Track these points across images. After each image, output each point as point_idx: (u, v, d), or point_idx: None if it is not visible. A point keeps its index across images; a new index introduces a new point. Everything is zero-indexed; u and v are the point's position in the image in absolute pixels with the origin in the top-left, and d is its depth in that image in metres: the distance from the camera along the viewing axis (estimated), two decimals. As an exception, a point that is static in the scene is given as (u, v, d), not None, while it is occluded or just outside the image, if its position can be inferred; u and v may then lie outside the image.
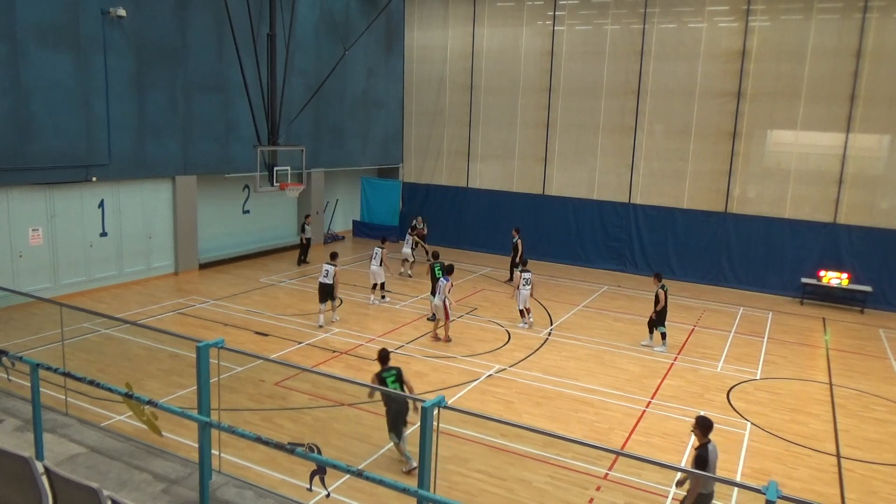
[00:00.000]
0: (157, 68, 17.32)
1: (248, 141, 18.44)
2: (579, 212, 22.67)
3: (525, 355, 13.58)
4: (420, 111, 25.93)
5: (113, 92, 16.25)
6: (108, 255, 17.21)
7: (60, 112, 15.24)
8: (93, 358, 12.13)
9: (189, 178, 18.79)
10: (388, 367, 9.11)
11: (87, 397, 9.91)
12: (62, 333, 9.94)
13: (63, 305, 9.00)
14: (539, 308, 17.28)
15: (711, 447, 7.03)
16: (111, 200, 17.14)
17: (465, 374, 12.36)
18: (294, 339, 13.86)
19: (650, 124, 21.39)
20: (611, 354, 13.90)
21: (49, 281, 15.86)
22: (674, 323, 16.36)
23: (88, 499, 4.64)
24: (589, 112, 22.22)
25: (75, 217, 16.34)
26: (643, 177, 21.68)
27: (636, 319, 15.68)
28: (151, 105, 17.31)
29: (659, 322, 14.23)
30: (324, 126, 23.18)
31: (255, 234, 22.24)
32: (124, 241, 17.55)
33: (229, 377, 11.10)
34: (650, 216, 21.60)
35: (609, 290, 19.51)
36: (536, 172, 23.49)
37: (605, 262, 22.29)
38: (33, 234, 15.52)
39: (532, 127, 23.43)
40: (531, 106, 23.34)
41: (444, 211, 24.79)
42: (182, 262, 19.05)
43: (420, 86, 25.81)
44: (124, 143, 16.74)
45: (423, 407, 5.43)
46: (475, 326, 15.44)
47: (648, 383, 12.36)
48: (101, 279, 17.02)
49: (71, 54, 15.29)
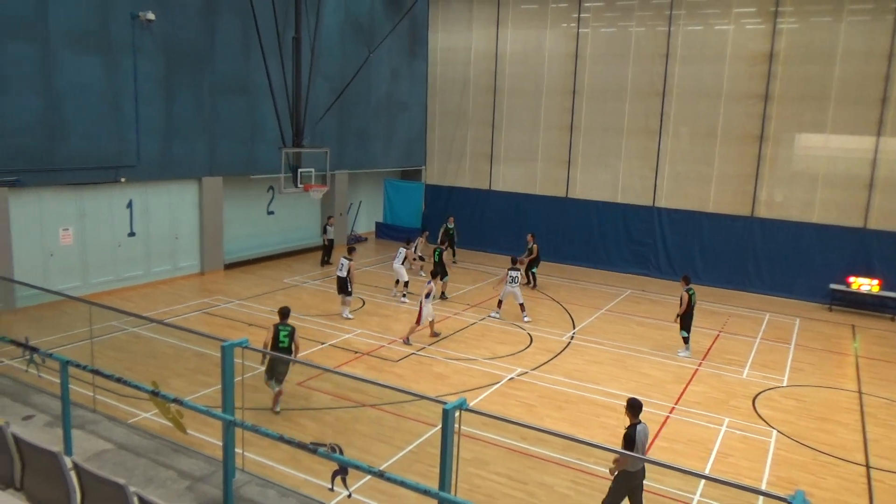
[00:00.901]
0: (185, 71, 17.57)
1: (273, 143, 18.62)
2: (603, 215, 22.51)
3: (547, 359, 13.51)
4: (443, 113, 25.97)
5: (142, 94, 16.52)
6: (136, 254, 17.48)
7: (90, 114, 15.53)
8: (120, 356, 12.32)
9: (215, 180, 19.03)
10: (285, 324, 10.51)
11: (114, 394, 10.07)
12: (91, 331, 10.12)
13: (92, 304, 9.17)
14: (561, 311, 17.18)
15: (640, 427, 7.39)
16: (139, 201, 17.41)
17: (487, 377, 12.34)
18: (317, 340, 13.94)
19: (675, 127, 21.18)
20: (634, 359, 13.77)
21: (79, 280, 16.16)
22: (699, 328, 16.16)
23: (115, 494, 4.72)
24: (613, 114, 22.07)
25: (104, 217, 16.63)
26: (668, 180, 21.47)
27: (660, 324, 15.52)
28: (179, 107, 17.56)
29: (682, 326, 14.04)
30: (348, 128, 23.31)
31: (279, 234, 22.43)
32: (151, 241, 17.81)
33: (253, 376, 11.22)
34: (675, 220, 21.38)
35: (633, 294, 19.33)
36: (560, 175, 23.38)
37: (628, 265, 22.10)
38: (64, 233, 15.83)
39: (555, 129, 23.33)
40: (555, 108, 23.24)
41: (466, 213, 24.77)
42: (208, 262, 19.29)
43: (444, 88, 25.84)
44: (152, 144, 17.00)
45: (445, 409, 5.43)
46: (497, 329, 15.41)
47: (672, 389, 12.23)
48: (128, 278, 17.30)
49: (101, 58, 15.59)
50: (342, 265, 15.48)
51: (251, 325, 14.52)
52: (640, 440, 7.35)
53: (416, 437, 9.72)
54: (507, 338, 14.79)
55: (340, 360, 12.78)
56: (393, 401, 10.54)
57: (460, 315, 16.43)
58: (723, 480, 5.11)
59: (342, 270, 15.44)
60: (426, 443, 9.45)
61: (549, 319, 16.40)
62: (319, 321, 15.30)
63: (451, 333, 14.85)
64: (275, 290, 17.80)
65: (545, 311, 17.14)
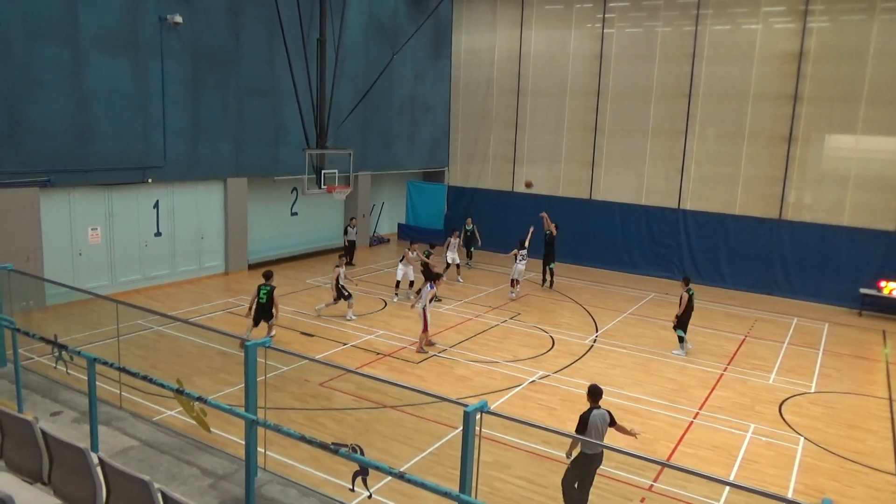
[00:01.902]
0: (211, 73, 17.81)
1: (296, 144, 18.78)
2: (627, 217, 22.35)
3: (569, 362, 13.46)
4: (467, 114, 25.97)
5: (168, 96, 16.77)
6: (162, 254, 17.75)
7: (118, 116, 15.80)
8: (146, 354, 12.53)
9: (240, 181, 19.25)
10: (267, 283, 13.12)
11: (140, 392, 10.23)
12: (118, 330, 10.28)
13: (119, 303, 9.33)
14: (584, 314, 17.09)
15: (597, 412, 7.73)
16: (165, 201, 17.68)
17: (508, 380, 12.32)
18: (339, 341, 14.03)
19: (701, 128, 20.94)
20: (657, 363, 13.66)
21: (106, 278, 16.46)
22: (723, 332, 15.98)
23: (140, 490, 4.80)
24: (638, 115, 21.90)
25: (131, 217, 16.91)
26: (693, 182, 21.24)
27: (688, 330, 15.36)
28: (205, 109, 17.80)
29: (679, 325, 14.10)
30: (371, 130, 23.43)
31: (302, 235, 22.61)
32: (177, 241, 18.07)
33: (276, 376, 11.30)
34: (700, 222, 21.13)
35: (656, 298, 19.16)
36: (583, 176, 23.26)
37: (652, 268, 21.91)
38: (92, 233, 16.13)
39: (579, 130, 23.21)
40: (579, 109, 23.13)
41: (489, 215, 24.74)
42: (232, 262, 19.52)
43: (467, 89, 25.85)
44: (179, 145, 17.25)
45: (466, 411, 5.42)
46: (518, 332, 15.38)
47: (696, 394, 12.10)
48: (155, 278, 17.57)
49: (129, 60, 15.86)
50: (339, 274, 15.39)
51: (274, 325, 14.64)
52: (594, 424, 7.69)
53: (437, 440, 9.72)
54: (530, 340, 14.76)
55: (362, 361, 12.85)
56: (414, 402, 10.56)
57: (482, 317, 16.42)
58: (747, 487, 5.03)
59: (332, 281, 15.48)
60: (447, 445, 9.45)
61: (571, 322, 16.33)
62: (341, 322, 15.40)
63: (473, 336, 14.85)
64: (297, 290, 17.94)
65: (567, 314, 17.07)
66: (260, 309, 13.21)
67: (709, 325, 16.54)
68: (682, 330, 14.12)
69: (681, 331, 14.13)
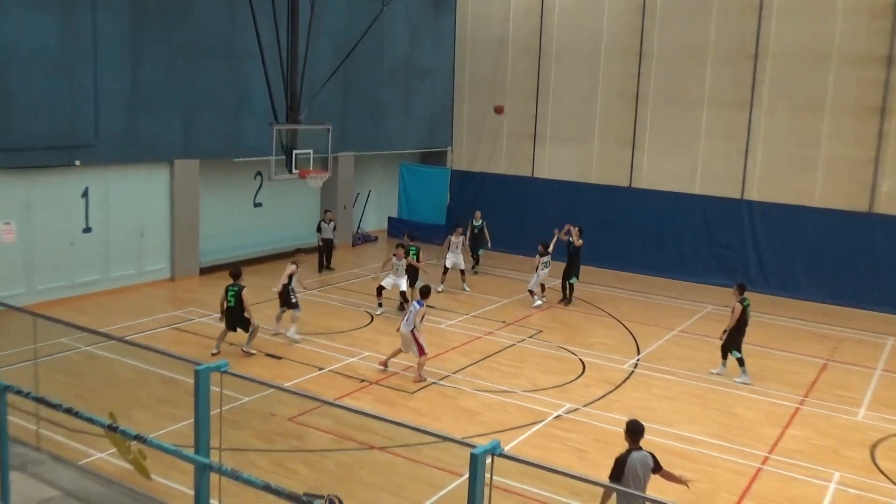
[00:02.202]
0: (156, 29, 17.81)
1: (262, 118, 18.74)
2: (677, 210, 22.28)
3: (604, 392, 13.40)
4: (475, 82, 25.94)
5: (102, 58, 16.77)
6: (93, 255, 17.75)
7: (39, 82, 15.81)
8: (71, 381, 12.48)
9: (190, 163, 19.24)
10: (235, 283, 14.11)
11: (62, 429, 10.17)
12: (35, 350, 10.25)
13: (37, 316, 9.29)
14: (622, 332, 17.04)
15: (636, 455, 7.72)
16: (97, 189, 17.68)
17: (527, 414, 12.27)
18: (313, 364, 13.98)
19: (771, 98, 20.88)
20: (716, 394, 13.60)
21: (22, 285, 16.46)
22: (799, 355, 15.91)
23: (59, 554, 4.74)
24: (691, 83, 21.84)
25: (55, 209, 16.92)
26: (761, 165, 21.17)
27: (751, 349, 15.28)
28: (147, 74, 17.79)
29: (733, 344, 14.10)
30: (355, 100, 23.42)
31: (268, 232, 22.61)
32: (112, 238, 18.07)
33: (234, 409, 11.25)
34: (770, 216, 21.07)
35: (714, 311, 19.09)
36: (622, 159, 23.21)
37: (709, 274, 21.83)
38: (5, 228, 16.14)
39: (617, 102, 23.16)
40: (616, 75, 23.07)
41: (502, 207, 24.68)
42: (180, 265, 19.50)
43: (475, 50, 25.82)
44: (114, 119, 17.25)
45: (474, 454, 5.37)
46: (540, 353, 15.32)
47: (766, 433, 12.03)
48: (83, 285, 17.55)
49: (54, 12, 15.86)
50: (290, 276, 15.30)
51: (232, 345, 14.62)
52: (633, 469, 7.63)
53: (437, 490, 9.65)
54: (554, 364, 14.69)
55: (343, 391, 12.79)
56: (408, 443, 10.51)
57: (493, 335, 16.37)
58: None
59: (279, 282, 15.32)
60: (449, 496, 9.42)
61: (606, 342, 16.26)
62: (317, 341, 15.35)
63: (482, 358, 14.79)
64: (262, 301, 17.87)
65: (601, 332, 17.02)
66: (231, 313, 14.06)
67: (781, 346, 16.47)
68: (738, 350, 14.13)
69: (736, 351, 14.15)
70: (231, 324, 14.11)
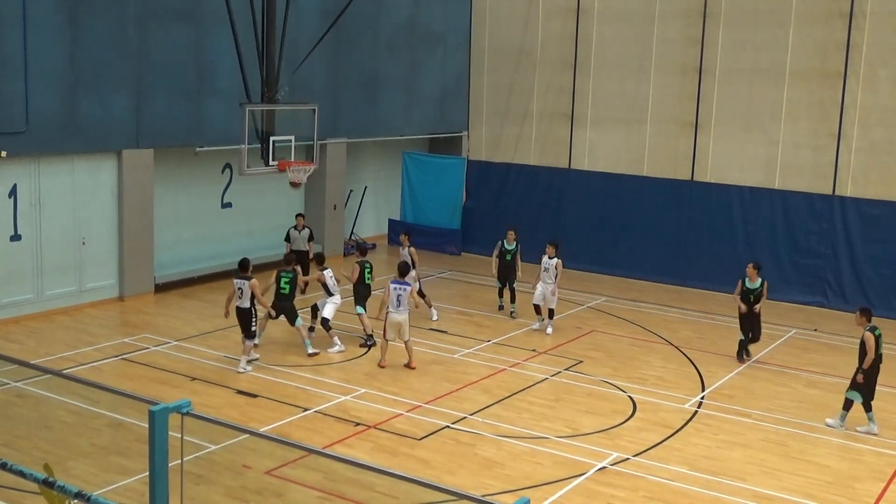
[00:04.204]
0: (99, -13, 17.93)
1: (231, 97, 18.84)
2: (752, 209, 22.26)
3: (660, 438, 13.36)
4: (496, 50, 26.00)
5: (33, 24, 16.86)
6: (22, 269, 17.81)
7: (-43, 54, 15.94)
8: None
9: (143, 154, 19.32)
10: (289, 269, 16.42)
11: (-14, 484, 10.26)
12: (-48, 387, 10.36)
13: (-46, 344, 9.38)
14: (683, 362, 16.98)
15: None
16: (27, 186, 17.77)
17: (564, 466, 12.24)
18: (298, 405, 13.98)
19: (869, 68, 20.83)
20: (801, 440, 13.55)
21: (-65, 307, 16.60)
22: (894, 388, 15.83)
23: None
24: (768, 49, 21.84)
25: (-25, 211, 17.05)
26: (858, 153, 21.13)
27: (844, 383, 15.24)
28: (89, 44, 17.88)
29: (867, 386, 13.76)
30: (347, 74, 23.48)
31: (238, 239, 22.61)
32: (46, 248, 18.13)
33: (198, 459, 11.28)
34: (869, 217, 21.02)
35: (799, 336, 19.05)
36: (682, 146, 23.22)
37: (792, 289, 21.78)
38: (-86, 236, 16.27)
39: (675, 74, 23.18)
40: (673, 40, 23.10)
41: (532, 207, 24.70)
42: (130, 281, 19.56)
43: (496, 11, 25.90)
44: (48, 100, 17.33)
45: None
46: (579, 389, 15.29)
47: (863, 489, 11.98)
48: (11, 306, 17.62)
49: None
50: (240, 290, 15.20)
51: (194, 380, 14.65)
52: None
53: (452, 561, 9.67)
54: (597, 404, 14.66)
55: (333, 437, 12.79)
56: (415, 502, 10.51)
57: (521, 366, 16.36)
58: None
59: (243, 298, 15.20)
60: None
61: (663, 375, 16.24)
62: (300, 374, 15.37)
63: (507, 396, 14.76)
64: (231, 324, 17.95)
65: (657, 362, 16.98)
66: (283, 300, 16.16)
67: (884, 380, 16.35)
68: (864, 393, 13.76)
69: (856, 392, 13.78)
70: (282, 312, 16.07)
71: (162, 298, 19.77)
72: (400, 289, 15.61)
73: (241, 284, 15.20)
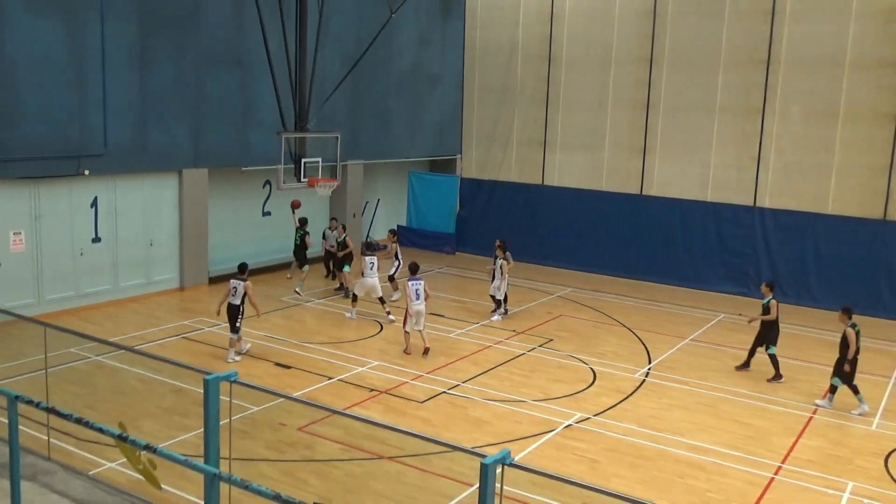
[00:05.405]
0: (164, 37, 17.94)
1: (270, 126, 18.85)
2: (689, 218, 22.29)
3: (615, 401, 13.43)
4: (484, 89, 26.05)
5: (111, 67, 16.90)
6: (102, 265, 17.88)
7: (48, 91, 15.94)
8: (81, 391, 12.59)
9: (199, 172, 19.38)
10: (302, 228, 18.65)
11: (73, 439, 10.27)
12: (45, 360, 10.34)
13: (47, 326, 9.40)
14: (633, 341, 17.05)
15: None
16: (106, 199, 17.82)
17: (538, 424, 12.31)
18: (323, 374, 14.06)
19: (784, 104, 20.88)
20: (729, 403, 13.61)
21: (31, 296, 16.59)
22: (813, 364, 15.89)
23: (73, 563, 4.82)
24: (702, 89, 21.88)
25: (63, 219, 17.05)
26: (774, 172, 21.17)
27: (764, 358, 15.28)
28: (156, 83, 17.93)
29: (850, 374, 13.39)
30: (364, 108, 23.49)
31: (276, 241, 22.64)
32: (121, 248, 18.19)
33: (243, 419, 11.33)
34: (783, 224, 21.05)
35: (727, 320, 19.08)
36: (633, 167, 23.25)
37: (721, 282, 21.82)
38: (14, 238, 16.28)
39: (628, 108, 23.21)
40: (627, 82, 23.14)
41: (513, 215, 24.75)
42: (189, 275, 19.62)
43: (485, 57, 25.93)
44: (123, 128, 17.38)
45: (484, 463, 5.43)
46: (551, 362, 15.35)
47: (778, 442, 12.04)
48: (92, 295, 17.68)
49: (62, 20, 16.01)
50: (234, 289, 14.63)
51: (241, 355, 14.72)
52: None
53: (447, 500, 9.71)
54: (564, 374, 14.73)
55: (352, 400, 12.87)
56: (418, 452, 10.56)
57: (504, 344, 16.43)
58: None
59: (235, 296, 14.59)
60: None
61: (617, 351, 16.30)
62: (326, 350, 15.43)
63: (492, 367, 14.85)
64: (271, 309, 17.99)
65: (613, 341, 17.05)
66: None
67: (795, 354, 16.43)
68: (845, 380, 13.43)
69: (837, 378, 13.48)
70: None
71: (214, 288, 19.81)
72: (416, 284, 15.42)
73: (237, 284, 14.58)
